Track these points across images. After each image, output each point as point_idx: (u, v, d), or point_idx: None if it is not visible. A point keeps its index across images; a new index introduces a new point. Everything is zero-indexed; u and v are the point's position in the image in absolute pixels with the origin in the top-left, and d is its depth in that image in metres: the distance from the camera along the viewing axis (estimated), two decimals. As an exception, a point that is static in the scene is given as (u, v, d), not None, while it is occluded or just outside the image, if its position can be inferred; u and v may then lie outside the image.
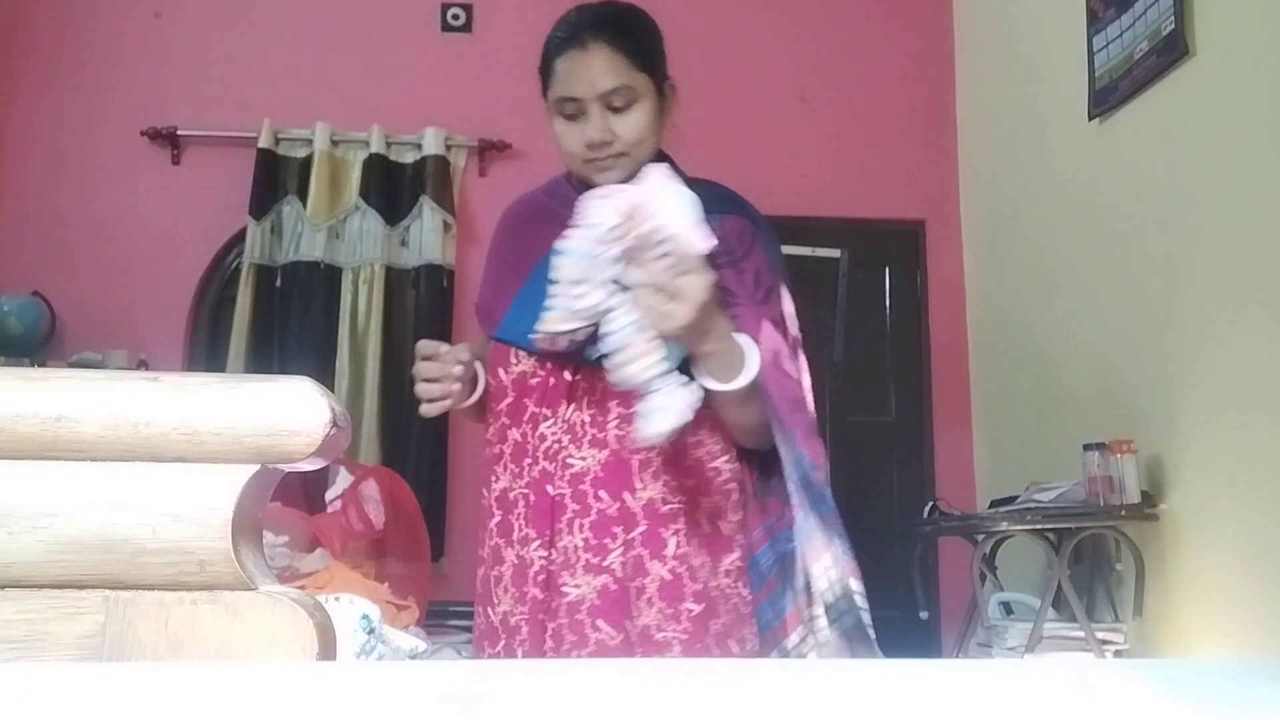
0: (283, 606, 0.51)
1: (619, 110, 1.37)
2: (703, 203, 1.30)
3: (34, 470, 0.51)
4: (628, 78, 1.36)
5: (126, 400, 0.51)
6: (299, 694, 0.39)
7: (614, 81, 1.35)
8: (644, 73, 1.38)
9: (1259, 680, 0.43)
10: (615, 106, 1.37)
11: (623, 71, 1.36)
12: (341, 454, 0.55)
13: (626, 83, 1.36)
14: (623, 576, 1.31)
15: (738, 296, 1.33)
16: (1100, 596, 2.93)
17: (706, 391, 1.25)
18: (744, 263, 1.37)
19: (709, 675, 0.44)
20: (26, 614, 0.50)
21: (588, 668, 0.45)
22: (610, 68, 1.36)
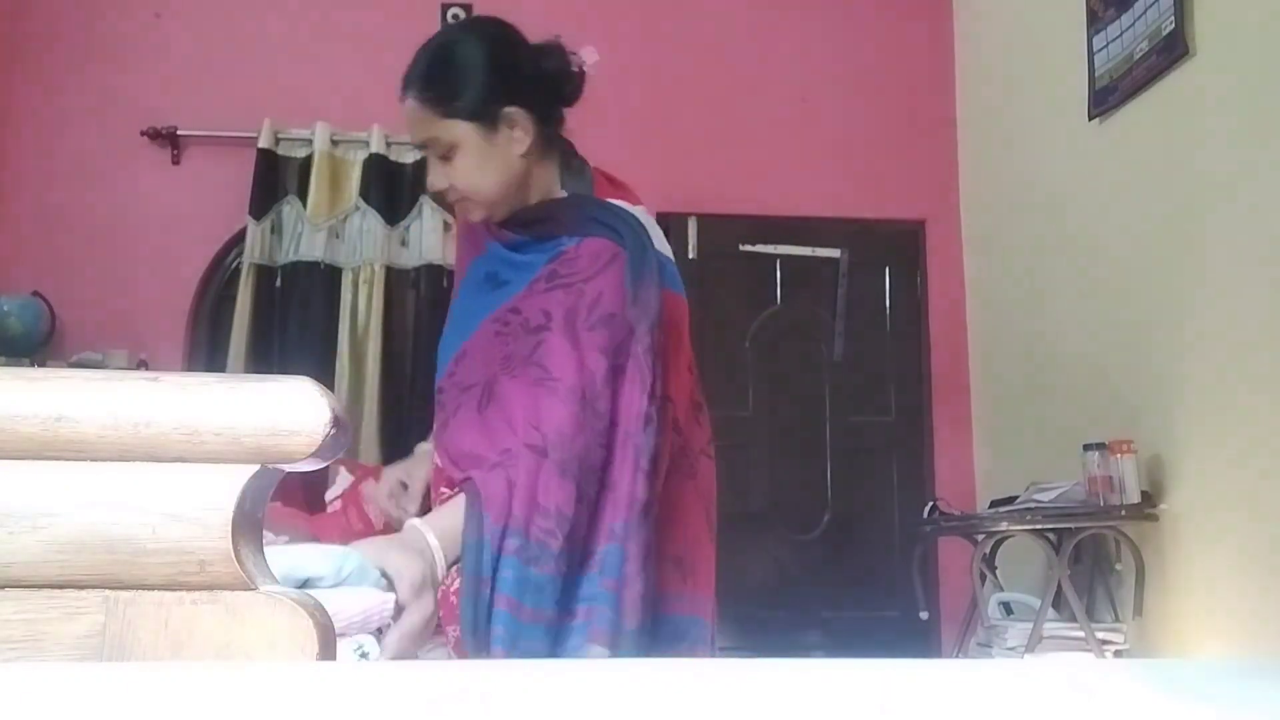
0: (283, 606, 0.51)
1: (445, 158, 1.38)
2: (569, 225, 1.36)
3: (34, 470, 0.51)
4: (437, 130, 1.36)
5: (126, 400, 0.51)
6: (299, 694, 0.39)
7: (422, 135, 1.38)
8: (456, 118, 1.35)
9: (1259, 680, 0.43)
10: (441, 155, 1.38)
11: (430, 124, 1.37)
12: (341, 454, 0.55)
13: (436, 134, 1.37)
14: None
15: (553, 319, 1.30)
16: (1100, 596, 2.93)
17: None
18: (585, 285, 1.32)
19: (709, 675, 0.44)
20: (26, 614, 0.50)
21: (587, 668, 0.45)
22: (418, 123, 1.38)
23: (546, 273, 1.36)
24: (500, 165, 1.38)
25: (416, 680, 0.41)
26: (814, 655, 3.41)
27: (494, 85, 1.37)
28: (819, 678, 0.43)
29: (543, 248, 1.39)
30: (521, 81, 1.40)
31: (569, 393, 1.25)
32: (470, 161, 1.37)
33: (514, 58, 1.42)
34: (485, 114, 1.36)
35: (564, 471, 1.22)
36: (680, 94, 3.96)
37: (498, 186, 1.39)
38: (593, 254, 1.35)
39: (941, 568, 3.77)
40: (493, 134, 1.37)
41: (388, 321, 3.80)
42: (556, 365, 1.27)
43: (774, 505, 3.78)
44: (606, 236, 1.37)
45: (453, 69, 1.38)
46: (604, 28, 4.16)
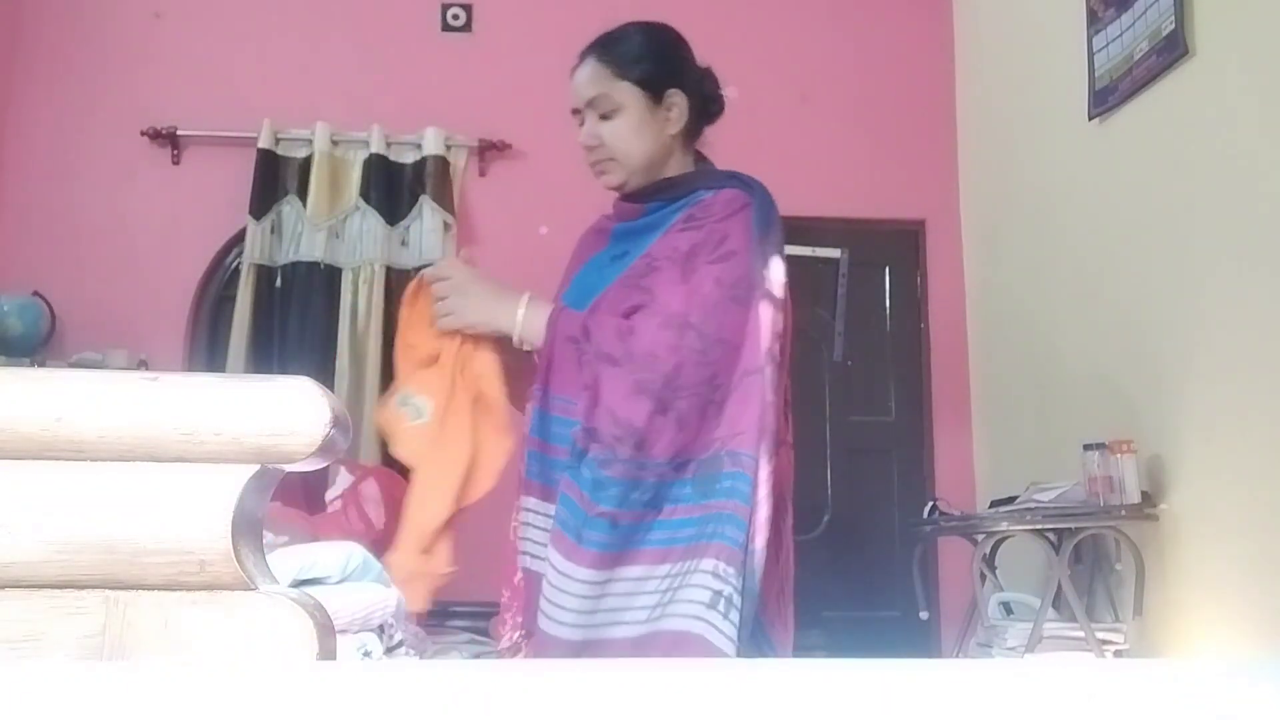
0: (283, 606, 0.51)
1: (605, 117, 1.49)
2: (706, 179, 1.51)
3: (34, 470, 0.51)
4: (606, 87, 1.48)
5: (126, 400, 0.51)
6: (299, 694, 0.39)
7: (593, 90, 1.49)
8: (627, 82, 1.48)
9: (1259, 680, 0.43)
10: (602, 114, 1.49)
11: (602, 81, 1.49)
12: (341, 454, 0.55)
13: (605, 91, 1.48)
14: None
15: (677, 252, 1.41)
16: (1100, 596, 2.93)
17: None
18: (715, 225, 1.44)
19: (709, 675, 0.44)
20: (26, 614, 0.50)
21: (588, 668, 0.45)
22: (591, 78, 1.50)
23: (683, 217, 1.47)
24: (653, 136, 1.49)
25: (417, 680, 0.41)
26: (814, 655, 3.41)
27: (665, 66, 1.51)
28: (819, 678, 0.43)
29: (677, 205, 1.49)
30: (689, 76, 1.54)
31: (667, 318, 1.36)
32: (629, 124, 1.48)
33: (684, 52, 1.57)
34: (654, 86, 1.49)
35: (640, 389, 1.33)
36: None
37: (645, 155, 1.50)
38: (726, 200, 1.47)
39: (941, 568, 3.77)
40: (655, 106, 1.49)
41: (388, 321, 3.80)
42: (663, 292, 1.38)
43: (774, 505, 3.78)
44: (740, 188, 1.49)
45: (635, 41, 1.52)
46: (603, 29, 4.16)
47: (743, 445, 1.33)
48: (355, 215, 3.86)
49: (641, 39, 1.53)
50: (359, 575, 2.02)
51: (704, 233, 1.42)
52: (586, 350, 1.36)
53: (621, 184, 1.52)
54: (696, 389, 1.34)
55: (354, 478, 2.89)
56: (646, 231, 1.50)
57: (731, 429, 1.34)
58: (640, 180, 1.51)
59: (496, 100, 3.91)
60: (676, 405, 1.33)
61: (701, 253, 1.40)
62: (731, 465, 1.33)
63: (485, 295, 1.42)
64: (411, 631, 2.30)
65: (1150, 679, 0.42)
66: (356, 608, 1.94)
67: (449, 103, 3.94)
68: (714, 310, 1.36)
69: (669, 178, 1.53)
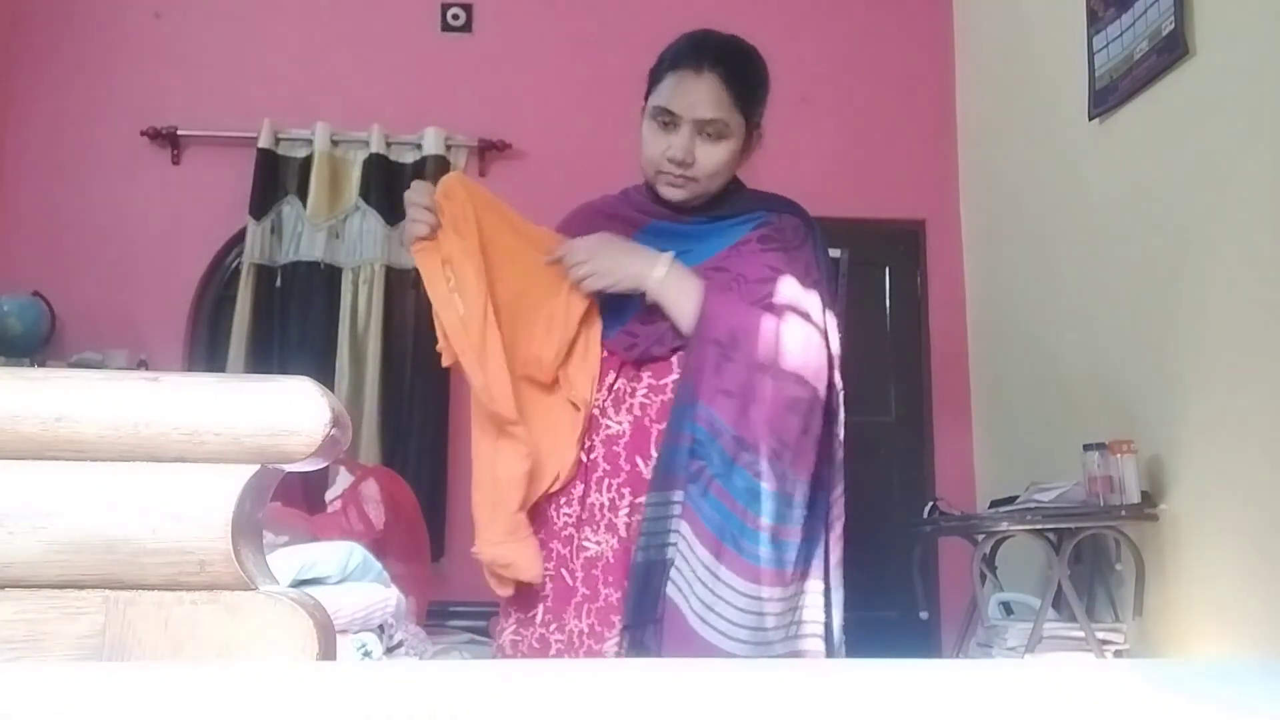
0: (283, 606, 0.51)
1: (708, 139, 1.47)
2: (764, 201, 1.55)
3: (34, 470, 0.51)
4: (726, 113, 1.46)
5: (126, 400, 0.51)
6: (299, 694, 0.39)
7: (713, 113, 1.46)
8: (741, 113, 1.47)
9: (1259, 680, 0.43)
10: (707, 134, 1.47)
11: (724, 106, 1.46)
12: (341, 454, 0.55)
13: (723, 117, 1.46)
14: (626, 539, 1.38)
15: (780, 273, 1.45)
16: (1100, 596, 2.93)
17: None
18: (797, 252, 1.48)
19: (709, 675, 0.44)
20: (26, 614, 0.50)
21: (588, 669, 0.45)
22: (714, 99, 1.46)
23: (758, 235, 1.49)
24: (734, 166, 1.51)
25: (416, 680, 0.41)
26: (814, 655, 3.40)
27: (763, 106, 1.53)
28: (819, 678, 0.43)
29: (735, 220, 1.51)
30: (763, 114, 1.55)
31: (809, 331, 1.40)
32: (728, 151, 1.48)
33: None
34: (755, 122, 1.52)
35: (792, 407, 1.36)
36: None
37: (725, 179, 1.51)
38: (794, 227, 1.51)
39: (941, 568, 3.77)
40: (748, 140, 1.51)
41: (388, 321, 3.80)
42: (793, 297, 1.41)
43: (774, 505, 3.78)
44: (800, 216, 1.54)
45: (758, 76, 1.53)
46: (603, 28, 4.16)
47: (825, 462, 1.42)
48: (355, 215, 3.86)
49: (761, 70, 1.54)
50: (359, 575, 2.02)
51: (790, 257, 1.47)
52: (734, 358, 1.36)
53: (685, 201, 1.50)
54: (821, 413, 1.40)
55: (354, 478, 2.90)
56: (701, 238, 1.50)
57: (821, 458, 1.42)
58: (702, 200, 1.52)
59: (496, 100, 3.91)
60: (813, 428, 1.38)
61: (803, 277, 1.45)
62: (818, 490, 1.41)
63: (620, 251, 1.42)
64: (411, 631, 2.30)
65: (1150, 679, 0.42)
66: (356, 608, 1.94)
67: (449, 103, 3.94)
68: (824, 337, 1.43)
69: (725, 194, 1.54)
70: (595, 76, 3.79)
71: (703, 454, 1.33)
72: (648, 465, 1.39)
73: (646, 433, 1.40)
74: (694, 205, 1.51)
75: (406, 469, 3.49)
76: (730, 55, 1.51)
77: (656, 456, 1.37)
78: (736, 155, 1.49)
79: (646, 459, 1.39)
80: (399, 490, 2.93)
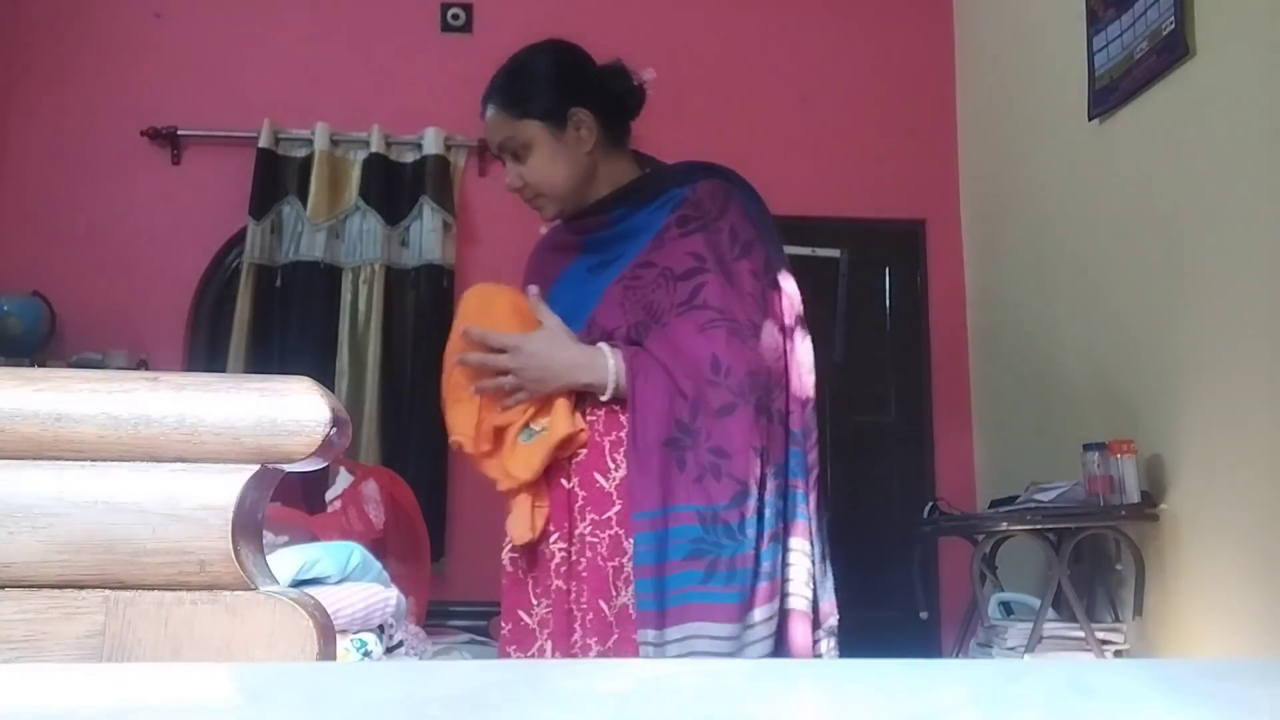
0: (283, 606, 0.51)
1: (517, 159, 1.51)
2: (675, 178, 1.51)
3: (34, 470, 0.51)
4: (511, 130, 1.50)
5: (126, 400, 0.51)
6: (299, 694, 0.39)
7: (500, 136, 1.51)
8: (530, 119, 1.49)
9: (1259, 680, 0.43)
10: (515, 156, 1.51)
11: (505, 125, 1.50)
12: (341, 454, 0.55)
13: (510, 134, 1.50)
14: (606, 556, 1.37)
15: (706, 262, 1.42)
16: (1100, 596, 2.93)
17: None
18: (719, 222, 1.45)
19: (708, 675, 0.44)
20: (26, 614, 0.50)
21: (588, 669, 0.45)
22: (495, 124, 1.52)
23: (675, 219, 1.47)
24: (569, 161, 1.50)
25: (417, 680, 0.41)
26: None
27: (561, 89, 1.51)
28: (819, 678, 0.43)
29: (653, 207, 1.50)
30: (586, 86, 1.53)
31: (743, 328, 1.38)
32: (542, 158, 1.49)
33: (579, 65, 1.56)
34: (554, 114, 1.49)
35: (759, 411, 1.35)
36: (680, 93, 3.96)
37: (567, 181, 1.50)
38: (710, 193, 1.48)
39: (941, 568, 3.77)
40: (561, 132, 1.50)
41: (388, 321, 3.81)
42: (722, 304, 1.39)
43: (774, 505, 3.77)
44: (715, 179, 1.51)
45: (525, 76, 1.53)
46: (603, 28, 4.16)
47: (795, 423, 1.41)
48: (355, 215, 3.86)
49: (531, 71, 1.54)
50: (359, 575, 2.02)
51: (713, 232, 1.44)
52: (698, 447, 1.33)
53: (558, 214, 1.53)
54: (782, 381, 1.40)
55: (354, 478, 2.89)
56: (627, 237, 1.50)
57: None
58: (575, 204, 1.52)
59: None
60: (776, 407, 1.38)
61: (726, 253, 1.43)
62: (792, 443, 1.40)
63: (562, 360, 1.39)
64: (411, 631, 2.30)
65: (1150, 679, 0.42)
66: (356, 608, 1.94)
67: (449, 103, 3.94)
68: (764, 302, 1.42)
69: (634, 182, 1.53)
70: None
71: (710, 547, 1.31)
72: (606, 478, 1.39)
73: (600, 448, 1.41)
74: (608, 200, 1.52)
75: (406, 469, 3.49)
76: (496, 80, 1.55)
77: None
78: (555, 155, 1.49)
79: (606, 474, 1.40)
80: (399, 490, 2.93)
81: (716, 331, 1.37)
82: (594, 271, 1.51)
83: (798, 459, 1.40)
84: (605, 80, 1.55)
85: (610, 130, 1.53)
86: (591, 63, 1.58)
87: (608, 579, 1.36)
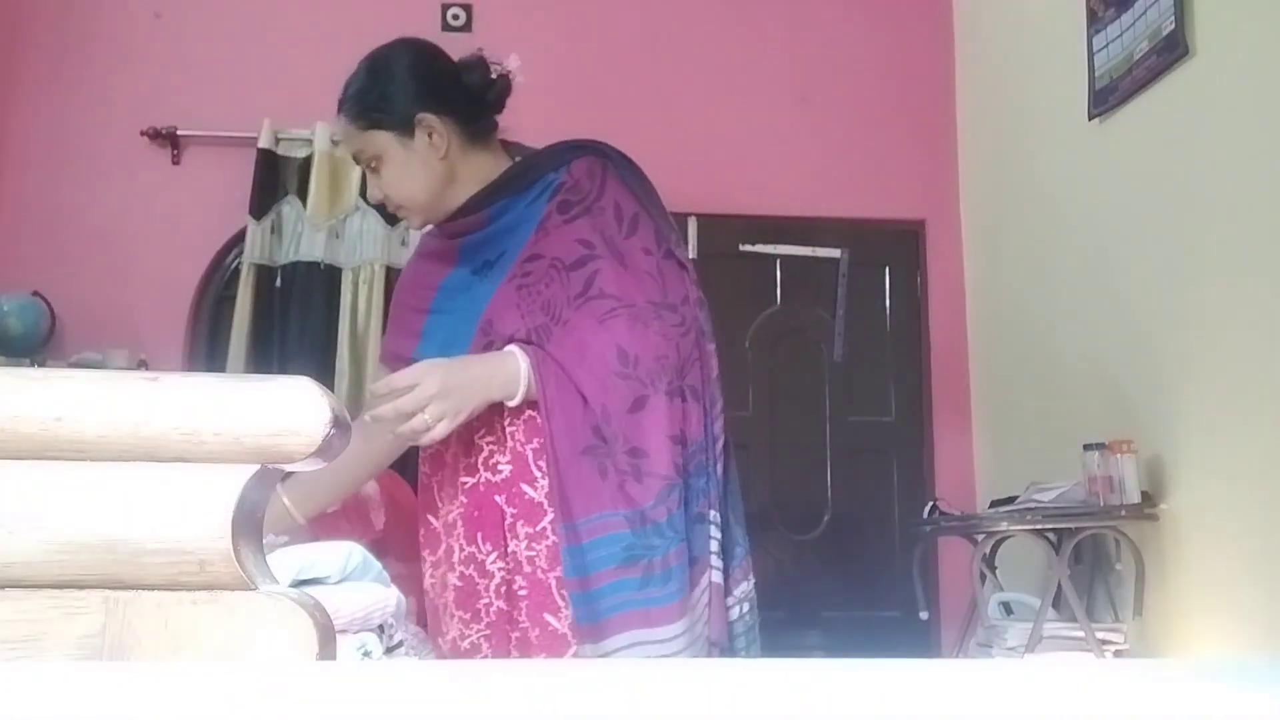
0: (283, 606, 0.51)
1: (374, 171, 1.46)
2: (548, 162, 1.45)
3: (34, 470, 0.51)
4: (359, 142, 1.46)
5: (126, 400, 0.51)
6: (299, 694, 0.39)
7: (352, 148, 1.48)
8: (377, 129, 1.44)
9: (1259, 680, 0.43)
10: (371, 168, 1.46)
11: (356, 138, 1.46)
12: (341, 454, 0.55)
13: (360, 147, 1.46)
14: (546, 568, 1.34)
15: (595, 247, 1.37)
16: (1100, 596, 2.93)
17: None
18: (600, 201, 1.41)
19: (708, 675, 0.44)
20: (26, 614, 0.50)
21: (589, 669, 0.45)
22: (346, 137, 1.48)
23: (556, 205, 1.41)
24: (421, 170, 1.44)
25: (416, 680, 0.41)
26: (814, 655, 3.41)
27: (407, 96, 1.45)
28: (819, 678, 0.43)
29: (529, 197, 1.44)
30: (436, 89, 1.46)
31: (643, 311, 1.34)
32: (395, 169, 1.44)
33: (427, 68, 1.50)
34: (401, 123, 1.44)
35: (671, 395, 1.32)
36: (680, 94, 3.96)
37: (424, 191, 1.45)
38: (587, 172, 1.43)
39: (941, 568, 3.77)
40: (409, 141, 1.44)
41: (387, 321, 3.80)
42: (619, 289, 1.35)
43: (774, 505, 3.78)
44: (588, 155, 1.45)
45: (370, 85, 1.47)
46: (603, 28, 4.16)
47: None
48: (355, 215, 3.86)
49: (377, 77, 1.48)
50: (359, 575, 2.02)
51: (595, 214, 1.39)
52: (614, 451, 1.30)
53: (425, 223, 1.49)
54: (693, 355, 1.36)
55: (354, 478, 2.89)
56: (509, 231, 1.44)
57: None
58: (440, 210, 1.47)
59: (496, 100, 3.91)
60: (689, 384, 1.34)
61: (614, 232, 1.38)
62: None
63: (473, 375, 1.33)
64: (411, 631, 2.30)
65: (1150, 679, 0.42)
66: (356, 608, 1.94)
67: (449, 103, 3.94)
68: (662, 277, 1.37)
69: (503, 177, 1.47)
70: (595, 76, 3.79)
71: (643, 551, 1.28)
72: (534, 488, 1.36)
73: (523, 459, 1.37)
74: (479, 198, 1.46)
75: (406, 469, 3.48)
76: (345, 89, 1.50)
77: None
78: (407, 163, 1.43)
79: (533, 484, 1.36)
80: (399, 490, 2.92)
81: (617, 321, 1.33)
82: (478, 274, 1.45)
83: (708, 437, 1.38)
84: (461, 76, 1.49)
85: (470, 127, 1.47)
86: (444, 60, 1.52)
87: (551, 591, 1.33)
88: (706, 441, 1.36)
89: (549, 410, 1.31)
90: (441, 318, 1.45)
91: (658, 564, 1.27)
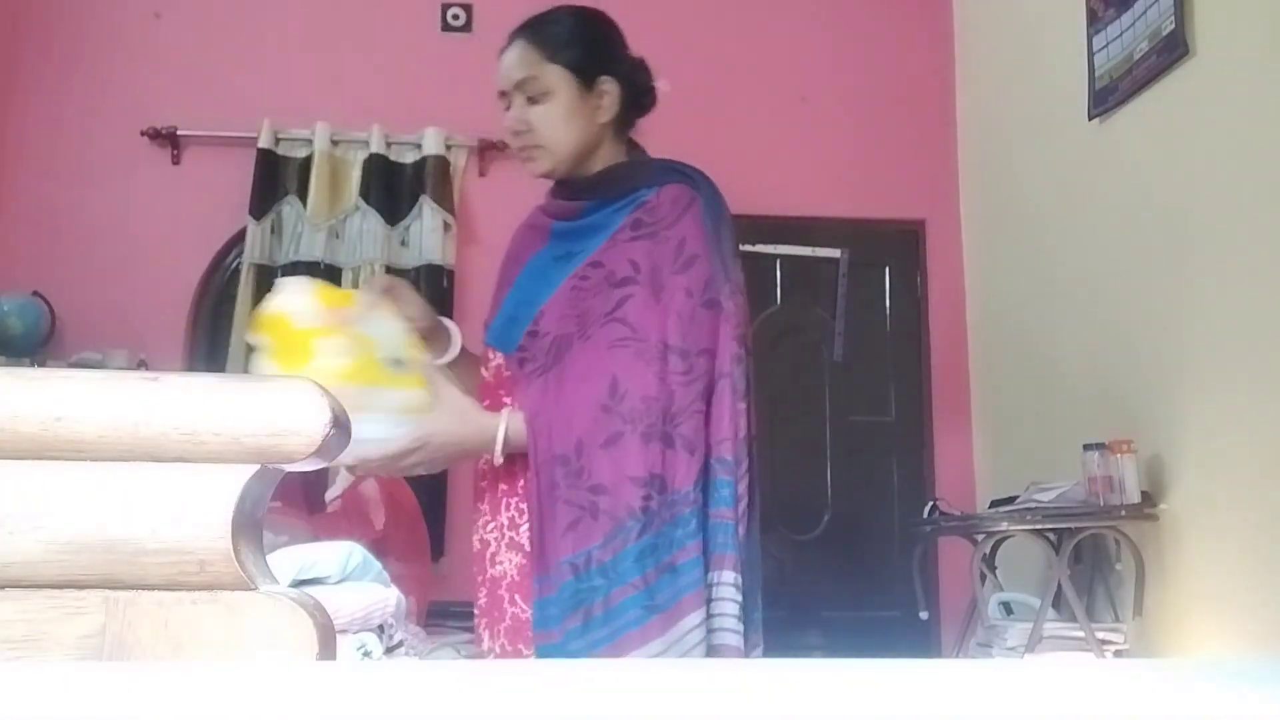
0: (283, 606, 0.51)
1: (534, 101, 1.44)
2: (645, 176, 1.45)
3: (34, 470, 0.51)
4: (537, 70, 1.43)
5: (126, 400, 0.51)
6: (299, 694, 0.39)
7: (522, 73, 1.43)
8: (558, 65, 1.43)
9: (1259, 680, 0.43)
10: (529, 98, 1.44)
11: (532, 64, 1.43)
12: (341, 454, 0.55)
13: (534, 74, 1.43)
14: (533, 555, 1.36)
15: (640, 271, 1.37)
16: (1100, 596, 2.93)
17: None
18: (670, 230, 1.40)
19: (708, 675, 0.44)
20: (26, 614, 0.50)
21: (589, 668, 0.45)
22: (520, 60, 1.44)
23: (630, 222, 1.42)
24: (583, 123, 1.45)
25: (417, 680, 0.41)
26: (814, 655, 3.41)
27: (598, 52, 1.47)
28: (819, 678, 0.43)
29: (619, 204, 1.45)
30: (624, 64, 1.49)
31: (652, 349, 1.33)
32: (558, 110, 1.43)
33: (622, 44, 1.52)
34: (586, 71, 1.44)
35: (648, 437, 1.30)
36: (680, 93, 3.95)
37: (574, 143, 1.45)
38: (673, 199, 1.42)
39: (941, 568, 3.77)
40: (586, 93, 1.45)
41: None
42: (639, 320, 1.35)
43: (774, 505, 3.78)
44: (684, 183, 1.45)
45: (567, 25, 1.47)
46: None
47: (725, 452, 1.35)
48: (355, 215, 3.86)
49: (573, 22, 1.48)
50: (359, 575, 2.02)
51: (659, 241, 1.39)
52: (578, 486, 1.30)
53: (549, 171, 1.48)
54: (693, 407, 1.34)
55: (354, 478, 2.89)
56: (590, 233, 1.45)
57: (716, 435, 1.36)
58: (567, 168, 1.46)
59: (496, 100, 3.91)
60: (681, 433, 1.32)
61: (665, 265, 1.38)
62: (722, 473, 1.35)
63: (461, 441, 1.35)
64: (411, 631, 2.30)
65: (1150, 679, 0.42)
66: (356, 608, 1.94)
67: (449, 103, 3.94)
68: (691, 323, 1.35)
69: (606, 171, 1.48)
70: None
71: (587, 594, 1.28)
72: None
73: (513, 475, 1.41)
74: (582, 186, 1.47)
75: (406, 469, 3.48)
76: (534, 19, 1.48)
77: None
78: (572, 110, 1.43)
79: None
80: (399, 490, 2.93)
81: (623, 352, 1.33)
82: (558, 263, 1.47)
83: (727, 489, 1.35)
84: (633, 67, 1.51)
85: (626, 113, 1.49)
86: (626, 45, 1.54)
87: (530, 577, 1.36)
88: (707, 495, 1.34)
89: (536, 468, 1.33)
90: (517, 294, 1.48)
91: (598, 605, 1.27)
